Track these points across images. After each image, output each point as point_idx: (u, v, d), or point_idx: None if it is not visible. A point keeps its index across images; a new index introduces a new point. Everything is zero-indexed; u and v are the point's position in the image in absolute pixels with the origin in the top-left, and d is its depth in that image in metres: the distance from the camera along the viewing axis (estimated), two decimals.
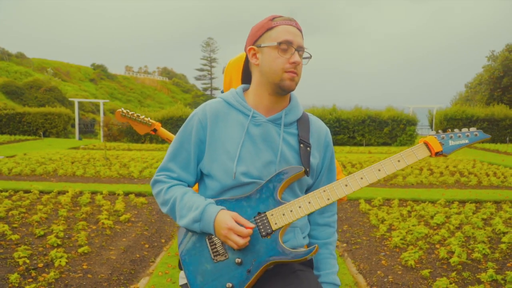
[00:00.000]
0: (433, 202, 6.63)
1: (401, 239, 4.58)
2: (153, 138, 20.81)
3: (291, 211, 1.33)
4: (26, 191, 6.78)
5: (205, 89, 67.08)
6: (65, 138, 22.46)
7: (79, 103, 23.31)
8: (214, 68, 65.80)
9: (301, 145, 1.46)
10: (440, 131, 1.43)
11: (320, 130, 1.55)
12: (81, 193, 6.71)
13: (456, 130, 1.39)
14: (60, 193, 6.76)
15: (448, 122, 21.21)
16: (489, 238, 4.70)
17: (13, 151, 13.80)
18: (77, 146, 17.10)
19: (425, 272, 3.66)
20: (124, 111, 2.15)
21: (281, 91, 1.41)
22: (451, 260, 3.91)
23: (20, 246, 4.06)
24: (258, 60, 1.43)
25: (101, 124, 21.91)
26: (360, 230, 5.19)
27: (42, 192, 6.81)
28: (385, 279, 3.67)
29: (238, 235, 1.27)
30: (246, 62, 1.53)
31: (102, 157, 11.97)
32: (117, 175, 9.01)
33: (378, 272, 3.84)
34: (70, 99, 28.74)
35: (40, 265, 3.70)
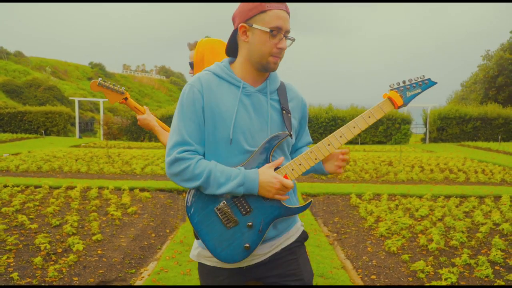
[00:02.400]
0: (420, 196, 7.04)
1: (386, 229, 4.99)
2: (152, 136, 21.18)
3: (292, 169, 1.58)
4: (37, 186, 7.17)
5: None
6: (65, 137, 22.80)
7: (79, 102, 23.62)
8: None
9: (283, 111, 1.61)
10: (396, 83, 1.61)
11: (296, 96, 1.71)
12: (88, 188, 7.10)
13: (409, 81, 1.62)
14: (69, 188, 7.15)
15: (442, 121, 21.64)
16: (467, 229, 5.12)
17: (17, 149, 14.16)
18: (78, 144, 17.45)
19: (405, 256, 4.08)
20: (102, 81, 2.18)
21: (264, 70, 1.57)
22: (429, 247, 4.33)
23: (39, 234, 4.46)
24: (248, 38, 1.53)
25: (101, 122, 22.26)
26: (350, 221, 5.61)
27: (51, 187, 7.20)
28: (370, 263, 4.09)
29: (286, 187, 1.50)
30: (234, 34, 1.60)
31: (104, 154, 12.34)
32: (120, 172, 9.40)
33: (364, 257, 4.26)
34: (70, 98, 29.04)
35: (59, 250, 4.11)
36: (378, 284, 3.62)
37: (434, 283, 3.47)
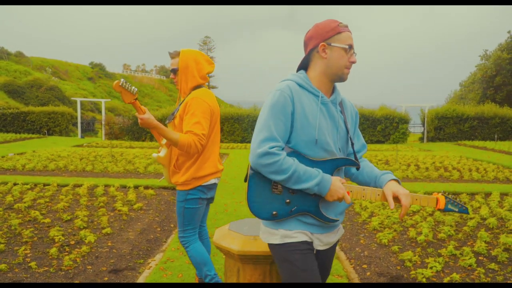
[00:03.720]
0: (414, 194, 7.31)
1: (379, 223, 5.29)
2: (153, 136, 21.46)
3: (352, 191, 1.82)
4: (46, 184, 7.47)
5: None
6: (67, 137, 23.08)
7: (80, 102, 23.90)
8: None
9: (346, 126, 1.95)
10: (448, 194, 1.91)
11: (351, 108, 2.04)
12: (95, 186, 7.39)
13: (456, 200, 1.91)
14: (76, 186, 7.44)
15: (440, 121, 21.93)
16: (456, 223, 5.41)
17: (21, 149, 14.44)
18: (80, 144, 17.72)
19: (395, 247, 4.37)
20: (124, 82, 2.39)
21: (339, 80, 1.88)
22: (418, 239, 4.62)
23: (52, 228, 4.75)
24: (327, 55, 1.83)
25: (103, 122, 22.56)
26: (345, 217, 5.90)
27: (59, 185, 7.49)
28: (362, 254, 4.38)
29: (345, 200, 1.78)
30: (309, 53, 1.90)
31: (107, 154, 12.63)
32: (124, 171, 9.68)
33: (357, 249, 4.55)
34: (72, 98, 29.33)
35: (72, 242, 4.40)
36: (369, 274, 3.91)
37: (419, 270, 3.76)
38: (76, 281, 3.54)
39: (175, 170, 2.89)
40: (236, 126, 21.29)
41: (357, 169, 1.92)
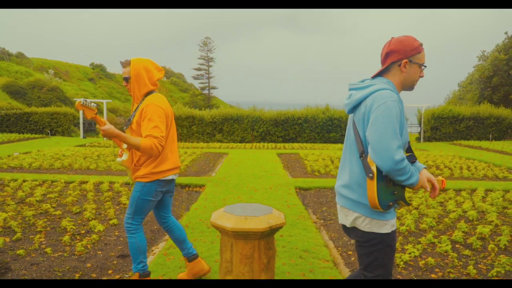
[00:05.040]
0: None
1: None
2: None
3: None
4: (53, 181, 7.85)
5: (202, 88, 68.00)
6: (69, 137, 23.48)
7: None
8: (211, 68, 66.76)
9: None
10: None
11: None
12: (100, 182, 7.77)
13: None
14: (82, 182, 7.83)
15: (436, 121, 22.32)
16: (438, 215, 5.80)
17: (25, 149, 14.83)
18: (83, 144, 18.10)
19: None
20: (84, 101, 2.76)
21: (408, 90, 2.26)
22: (401, 229, 5.01)
23: (63, 219, 5.14)
24: (406, 70, 2.19)
25: None
26: (335, 210, 6.27)
27: (66, 182, 7.88)
28: (348, 242, 4.76)
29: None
30: (389, 65, 2.22)
31: (110, 153, 13.02)
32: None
33: (344, 238, 4.93)
34: (74, 99, 29.71)
35: (83, 231, 4.80)
36: (353, 259, 4.29)
37: (398, 255, 4.14)
38: (88, 265, 3.93)
39: (136, 168, 3.22)
40: (236, 126, 21.68)
41: (413, 163, 2.31)
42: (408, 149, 2.31)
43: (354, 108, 2.23)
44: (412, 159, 2.28)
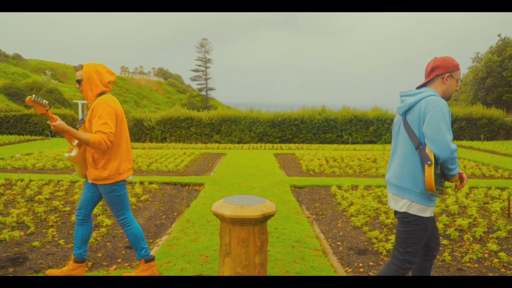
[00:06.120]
0: None
1: (355, 210, 6.06)
2: (153, 138, 22.24)
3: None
4: (59, 181, 8.22)
5: (200, 90, 68.32)
6: None
7: (78, 104, 24.60)
8: (209, 69, 67.13)
9: None
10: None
11: None
12: None
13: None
14: None
15: None
16: None
17: (27, 150, 15.16)
18: None
19: (366, 228, 5.16)
20: (35, 97, 2.94)
21: (447, 100, 2.70)
22: (386, 221, 5.41)
23: (73, 215, 5.51)
24: (447, 82, 2.70)
25: None
26: (327, 206, 6.68)
27: (71, 181, 8.24)
28: (337, 234, 5.16)
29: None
30: (433, 78, 2.73)
31: None
32: None
33: (334, 230, 5.33)
34: (73, 101, 30.02)
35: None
36: (341, 249, 4.68)
37: (381, 244, 4.54)
38: (99, 254, 4.31)
39: (93, 165, 3.40)
40: (234, 128, 22.07)
41: None
42: None
43: (407, 111, 2.70)
44: None
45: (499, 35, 37.07)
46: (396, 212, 2.80)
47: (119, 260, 4.22)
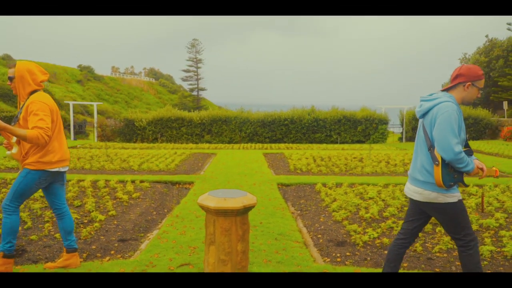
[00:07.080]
0: (375, 185, 8.46)
1: (338, 206, 6.38)
2: (144, 138, 22.44)
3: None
4: None
5: (191, 90, 68.47)
6: None
7: (69, 105, 24.71)
8: (200, 69, 67.27)
9: None
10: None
11: None
12: (96, 180, 8.38)
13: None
14: (80, 180, 8.42)
15: (417, 121, 23.25)
16: (402, 205, 6.54)
17: None
18: (74, 146, 18.60)
19: (345, 222, 5.48)
20: None
21: (466, 105, 3.22)
22: (365, 216, 5.73)
23: None
24: (468, 90, 2.94)
25: (95, 125, 23.43)
26: (312, 202, 6.99)
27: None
28: (319, 228, 5.47)
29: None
30: (456, 84, 2.97)
31: (103, 154, 13.58)
32: (120, 168, 10.67)
33: (316, 225, 5.65)
34: (65, 102, 30.07)
35: (85, 220, 5.43)
36: (321, 241, 4.99)
37: (358, 236, 4.86)
38: (93, 247, 4.57)
39: (25, 158, 3.55)
40: (224, 128, 22.35)
41: (470, 155, 2.98)
42: (466, 145, 3.03)
43: (424, 115, 3.00)
44: (469, 153, 2.96)
45: (486, 36, 37.80)
46: (421, 204, 3.04)
47: (112, 252, 4.49)
